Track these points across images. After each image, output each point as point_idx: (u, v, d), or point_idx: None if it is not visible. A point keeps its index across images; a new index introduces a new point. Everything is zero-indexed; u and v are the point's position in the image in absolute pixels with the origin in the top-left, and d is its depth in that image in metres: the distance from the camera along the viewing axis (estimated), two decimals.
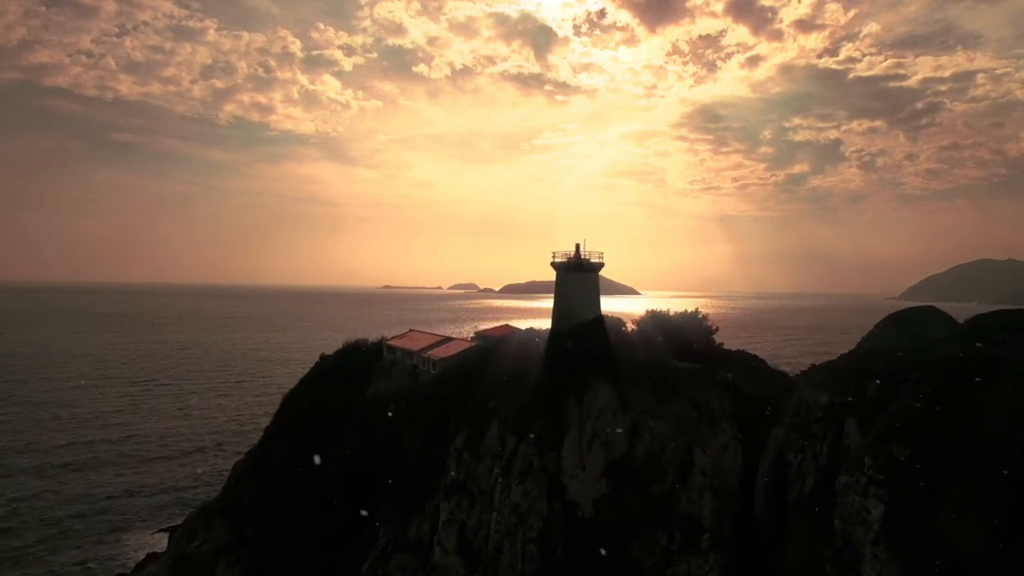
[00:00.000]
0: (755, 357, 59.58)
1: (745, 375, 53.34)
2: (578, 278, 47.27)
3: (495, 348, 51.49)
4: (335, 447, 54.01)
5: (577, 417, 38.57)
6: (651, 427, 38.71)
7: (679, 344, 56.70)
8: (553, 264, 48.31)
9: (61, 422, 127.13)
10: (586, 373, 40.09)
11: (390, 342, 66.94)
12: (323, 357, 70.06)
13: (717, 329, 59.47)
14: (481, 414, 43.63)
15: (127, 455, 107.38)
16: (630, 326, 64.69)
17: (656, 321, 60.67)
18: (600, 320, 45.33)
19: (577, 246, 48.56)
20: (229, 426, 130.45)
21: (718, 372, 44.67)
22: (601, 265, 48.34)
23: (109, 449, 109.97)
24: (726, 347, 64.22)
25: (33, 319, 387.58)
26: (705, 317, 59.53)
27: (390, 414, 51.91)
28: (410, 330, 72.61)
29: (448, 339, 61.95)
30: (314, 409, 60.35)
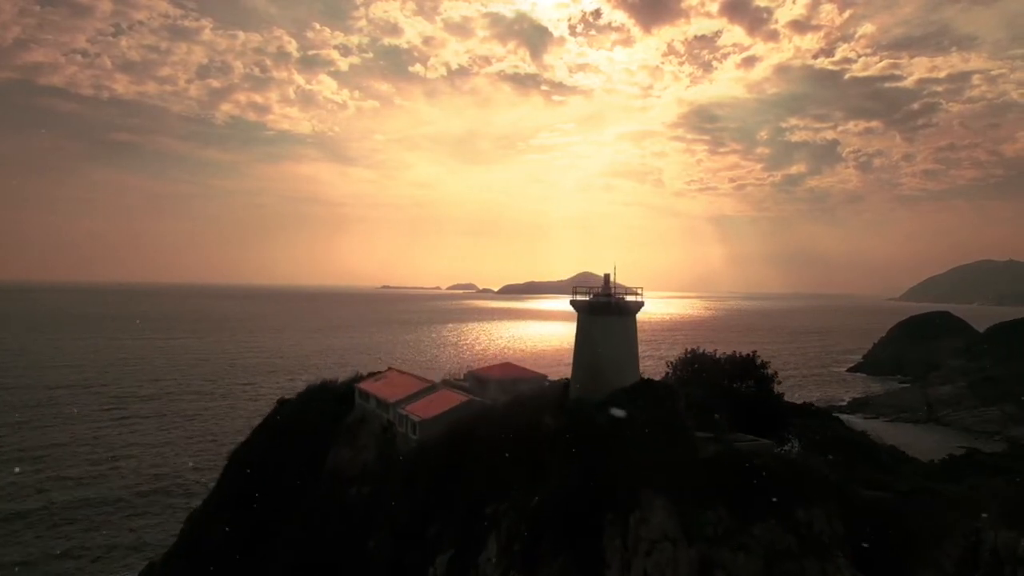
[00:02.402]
0: (827, 414, 46.51)
1: (819, 444, 40.40)
2: (609, 324, 33.77)
3: (494, 410, 38.21)
4: (282, 538, 40.83)
5: (619, 551, 25.36)
6: (729, 564, 25.51)
7: (728, 395, 43.69)
8: (573, 303, 35.01)
9: (19, 450, 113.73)
10: (630, 478, 26.87)
11: (363, 386, 53.56)
12: (281, 402, 56.72)
13: (778, 378, 46.19)
14: (473, 523, 30.42)
15: (88, 498, 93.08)
16: (664, 369, 51.54)
17: (698, 366, 47.58)
18: (645, 387, 31.88)
19: (607, 277, 35.09)
20: (204, 456, 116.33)
21: (811, 458, 31.44)
22: (640, 305, 34.96)
23: (68, 490, 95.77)
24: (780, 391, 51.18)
25: (22, 321, 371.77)
26: (764, 363, 46.14)
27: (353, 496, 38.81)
28: (389, 369, 59.09)
29: (432, 387, 48.42)
30: (262, 478, 47.01)
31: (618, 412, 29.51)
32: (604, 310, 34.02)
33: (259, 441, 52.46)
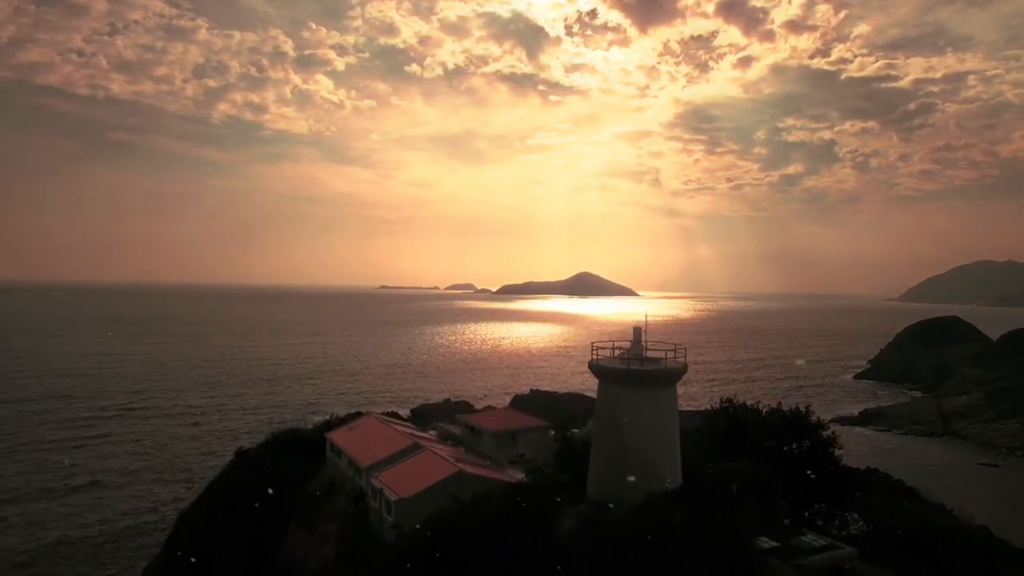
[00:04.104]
0: (898, 485, 38.18)
1: (898, 534, 32.10)
2: (644, 398, 25.19)
3: (491, 496, 29.80)
4: None
5: None
6: None
7: (778, 462, 35.47)
8: (593, 367, 26.47)
9: None
10: None
11: (335, 437, 45.02)
12: (239, 454, 48.24)
13: (837, 440, 37.78)
14: None
15: (63, 537, 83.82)
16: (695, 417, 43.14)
17: (737, 424, 39.14)
18: (701, 493, 23.27)
19: (637, 331, 26.55)
20: (177, 485, 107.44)
21: None
22: (683, 369, 26.42)
23: (39, 526, 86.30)
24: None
25: (12, 323, 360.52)
26: (820, 422, 37.74)
27: None
28: (368, 415, 50.52)
29: (415, 446, 39.80)
30: (206, 556, 38.59)
31: None
32: (637, 379, 25.29)
33: (208, 505, 43.88)
